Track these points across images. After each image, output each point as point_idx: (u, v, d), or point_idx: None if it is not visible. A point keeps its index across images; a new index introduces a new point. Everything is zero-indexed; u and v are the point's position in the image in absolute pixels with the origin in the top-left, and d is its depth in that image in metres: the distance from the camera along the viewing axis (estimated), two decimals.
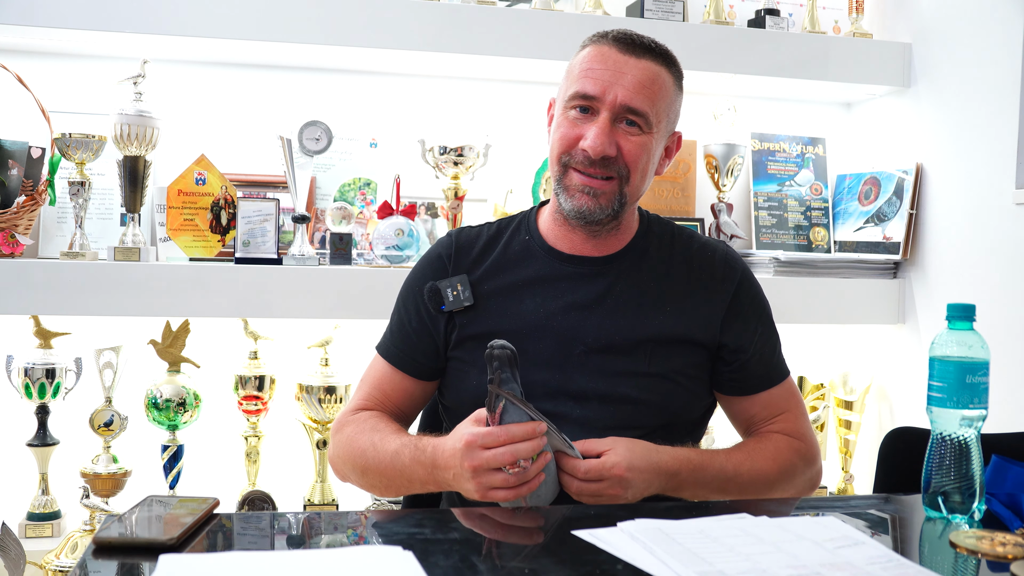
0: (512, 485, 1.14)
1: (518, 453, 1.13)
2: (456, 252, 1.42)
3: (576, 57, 1.37)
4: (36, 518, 2.10)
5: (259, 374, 2.18)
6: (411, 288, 1.44)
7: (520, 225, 1.45)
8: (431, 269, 1.43)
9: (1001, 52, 2.06)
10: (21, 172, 2.02)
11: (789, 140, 2.58)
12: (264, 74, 2.32)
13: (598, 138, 1.29)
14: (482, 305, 1.38)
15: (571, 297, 1.36)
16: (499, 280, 1.39)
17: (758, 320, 1.43)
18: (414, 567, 0.86)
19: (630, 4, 2.40)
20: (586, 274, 1.38)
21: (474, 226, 1.48)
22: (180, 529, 0.95)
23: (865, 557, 0.91)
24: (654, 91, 1.31)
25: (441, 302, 1.38)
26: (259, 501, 2.16)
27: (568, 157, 1.33)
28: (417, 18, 2.13)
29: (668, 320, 1.36)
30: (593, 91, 1.30)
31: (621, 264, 1.39)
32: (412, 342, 1.42)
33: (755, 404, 1.43)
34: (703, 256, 1.43)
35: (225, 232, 2.13)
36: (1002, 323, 2.01)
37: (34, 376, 2.07)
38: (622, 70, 1.30)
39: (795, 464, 1.37)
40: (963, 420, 1.07)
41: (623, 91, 1.29)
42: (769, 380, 1.43)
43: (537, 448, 1.14)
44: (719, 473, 1.30)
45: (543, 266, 1.39)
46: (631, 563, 0.89)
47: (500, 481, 1.14)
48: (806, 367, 2.55)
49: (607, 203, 1.33)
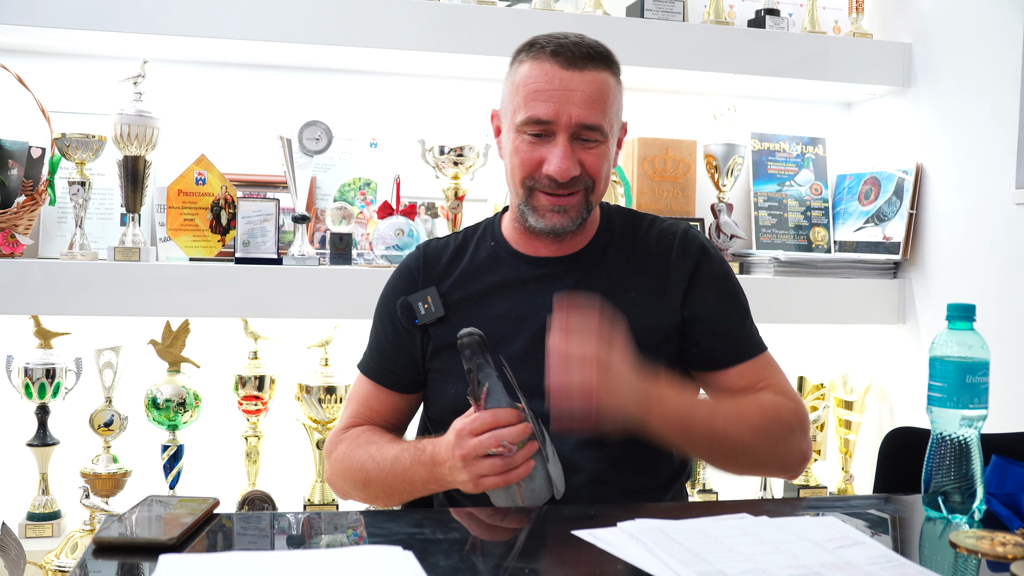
0: (500, 471, 1.14)
1: (502, 436, 1.13)
2: (425, 264, 1.43)
3: (516, 73, 1.34)
4: (36, 518, 2.10)
5: (259, 374, 2.18)
6: (385, 304, 1.45)
7: (485, 232, 1.46)
8: (403, 283, 1.44)
9: (1001, 52, 2.06)
10: (21, 172, 2.02)
11: (789, 140, 2.58)
12: (264, 74, 2.32)
13: (563, 162, 1.28)
14: (453, 314, 1.38)
15: (539, 299, 1.36)
16: (468, 288, 1.40)
17: (718, 291, 1.40)
18: (414, 567, 0.86)
19: (630, 4, 2.40)
20: (553, 274, 1.39)
21: (441, 237, 1.49)
22: (180, 529, 0.96)
23: (865, 557, 0.91)
24: (604, 101, 1.30)
25: (414, 316, 1.39)
26: (259, 501, 2.16)
27: (532, 181, 1.32)
28: (417, 18, 2.13)
29: (637, 310, 1.35)
30: (546, 115, 1.28)
31: (587, 259, 1.40)
32: (390, 357, 1.43)
33: (729, 378, 1.38)
34: (664, 240, 1.42)
35: (225, 232, 2.13)
36: (1002, 323, 2.01)
37: (34, 376, 2.07)
38: (569, 87, 1.28)
39: (788, 420, 1.32)
40: (963, 420, 1.08)
41: (576, 110, 1.28)
42: (739, 353, 1.38)
43: (523, 432, 1.14)
44: (710, 409, 1.29)
45: (510, 270, 1.40)
46: (631, 563, 0.89)
47: (488, 467, 1.14)
48: (806, 367, 2.55)
49: (576, 215, 1.34)
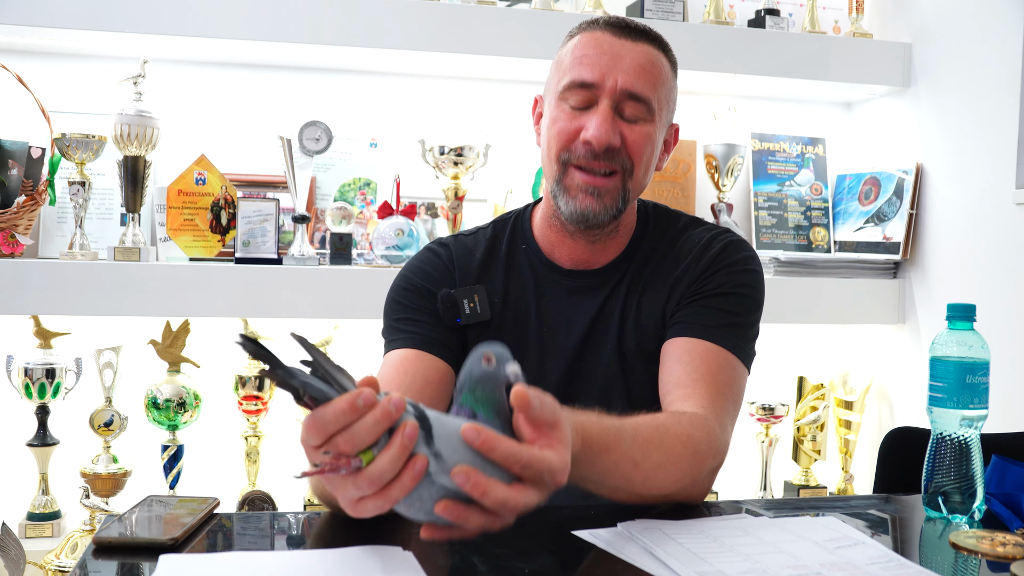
0: (368, 490, 0.79)
1: (336, 445, 0.81)
2: (458, 260, 1.31)
3: (565, 47, 1.26)
4: (36, 518, 2.10)
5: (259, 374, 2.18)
6: (414, 287, 1.29)
7: (515, 232, 1.35)
8: (437, 273, 1.30)
9: (1001, 52, 2.06)
10: (21, 172, 2.02)
11: (789, 140, 2.58)
12: (264, 74, 2.32)
13: (602, 126, 1.19)
14: (495, 322, 1.28)
15: (574, 315, 1.29)
16: (503, 295, 1.30)
17: (718, 280, 1.26)
18: (414, 567, 0.86)
19: (630, 4, 2.40)
20: (587, 287, 1.30)
21: (467, 232, 1.37)
22: (180, 529, 0.95)
23: (865, 557, 0.91)
24: (655, 75, 1.22)
25: (457, 314, 1.26)
26: (259, 501, 2.16)
27: (568, 154, 1.22)
28: (417, 18, 2.13)
29: (647, 324, 1.27)
30: (591, 78, 1.20)
31: (619, 272, 1.31)
32: (431, 325, 1.26)
33: (667, 350, 1.23)
34: (687, 247, 1.30)
35: (225, 232, 2.13)
36: (1002, 323, 2.01)
37: (34, 376, 2.07)
38: (620, 53, 1.20)
39: (709, 468, 1.10)
40: (963, 420, 1.07)
41: (623, 75, 1.19)
42: (692, 329, 1.22)
43: (368, 429, 0.78)
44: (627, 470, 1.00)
45: (543, 281, 1.31)
46: (631, 563, 0.89)
47: (352, 487, 0.81)
48: (806, 367, 2.55)
49: (611, 202, 1.23)
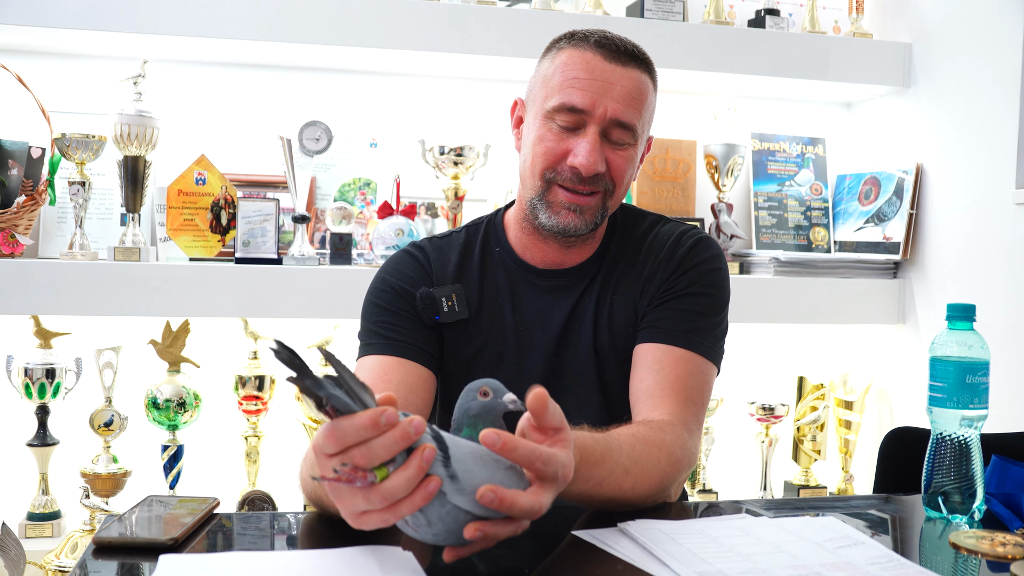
0: (378, 506, 0.77)
1: (351, 457, 0.76)
2: (435, 262, 1.33)
3: (553, 60, 1.27)
4: (36, 518, 2.10)
5: (259, 374, 2.18)
6: (393, 289, 1.30)
7: (488, 235, 1.37)
8: (413, 273, 1.31)
9: (1001, 52, 2.06)
10: (21, 172, 2.02)
11: (789, 140, 2.58)
12: (264, 74, 2.32)
13: (591, 155, 1.21)
14: (472, 321, 1.30)
15: (547, 312, 1.31)
16: (479, 295, 1.32)
17: (688, 279, 1.28)
18: (414, 567, 0.86)
19: (630, 4, 2.40)
20: (560, 286, 1.32)
21: (440, 235, 1.38)
22: (180, 529, 0.95)
23: (865, 557, 0.91)
24: (641, 102, 1.25)
25: (436, 312, 1.27)
26: (259, 501, 2.16)
27: (553, 173, 1.25)
28: (417, 18, 2.13)
29: (620, 319, 1.30)
30: (581, 104, 1.21)
31: (591, 271, 1.33)
32: (410, 331, 1.26)
33: (639, 356, 1.25)
34: (656, 244, 1.33)
35: (225, 232, 2.13)
36: (1002, 323, 2.01)
37: (34, 376, 2.07)
38: (610, 80, 1.22)
39: (680, 476, 1.12)
40: (963, 420, 1.07)
41: (613, 104, 1.22)
42: (662, 335, 1.24)
43: (386, 447, 0.75)
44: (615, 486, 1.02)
45: (518, 281, 1.33)
46: (631, 563, 0.89)
47: (362, 501, 0.78)
48: (806, 367, 2.55)
49: (591, 218, 1.26)
